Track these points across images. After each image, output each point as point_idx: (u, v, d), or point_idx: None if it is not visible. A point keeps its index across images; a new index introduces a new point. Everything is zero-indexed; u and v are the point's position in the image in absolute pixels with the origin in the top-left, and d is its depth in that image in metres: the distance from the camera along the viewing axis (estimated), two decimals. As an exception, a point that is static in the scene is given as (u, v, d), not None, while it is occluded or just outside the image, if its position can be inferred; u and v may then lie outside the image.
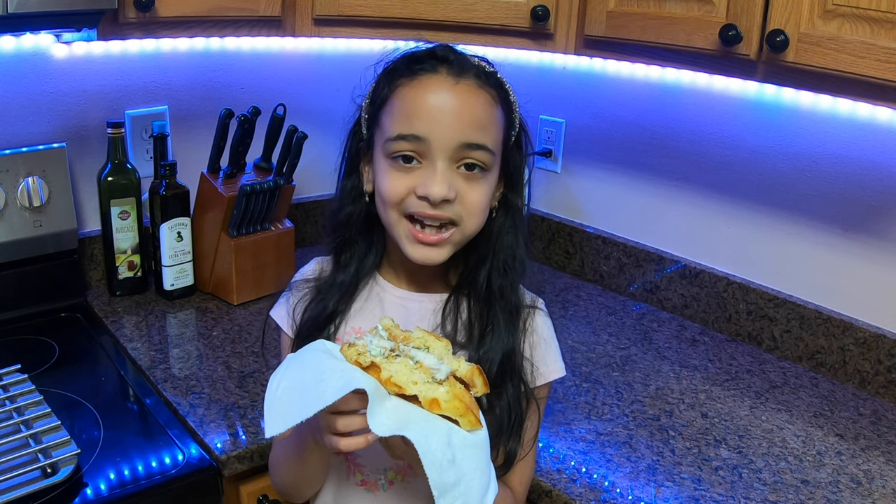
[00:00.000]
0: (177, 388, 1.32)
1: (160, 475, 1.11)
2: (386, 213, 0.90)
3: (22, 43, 1.52)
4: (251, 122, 1.61)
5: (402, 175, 0.87)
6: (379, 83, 0.92)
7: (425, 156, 0.86)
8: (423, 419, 0.75)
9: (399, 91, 0.88)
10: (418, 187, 0.86)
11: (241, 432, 1.22)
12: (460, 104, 0.86)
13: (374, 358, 0.77)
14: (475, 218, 0.90)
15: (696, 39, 1.22)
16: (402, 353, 0.79)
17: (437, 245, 0.89)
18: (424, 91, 0.87)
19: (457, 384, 0.78)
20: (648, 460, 1.21)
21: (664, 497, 1.13)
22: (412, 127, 0.86)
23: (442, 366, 0.78)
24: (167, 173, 1.60)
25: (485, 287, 0.95)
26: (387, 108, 0.89)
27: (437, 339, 0.81)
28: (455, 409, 0.76)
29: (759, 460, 1.23)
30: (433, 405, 0.76)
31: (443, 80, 0.87)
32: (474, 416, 0.77)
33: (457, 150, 0.86)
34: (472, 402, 0.78)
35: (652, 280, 1.77)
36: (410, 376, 0.76)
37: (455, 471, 0.73)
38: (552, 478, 1.15)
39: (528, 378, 0.96)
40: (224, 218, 1.60)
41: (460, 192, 0.87)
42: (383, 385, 0.76)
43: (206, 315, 1.60)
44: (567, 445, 1.23)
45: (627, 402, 1.37)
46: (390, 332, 0.82)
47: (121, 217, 1.60)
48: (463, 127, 0.86)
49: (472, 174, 0.88)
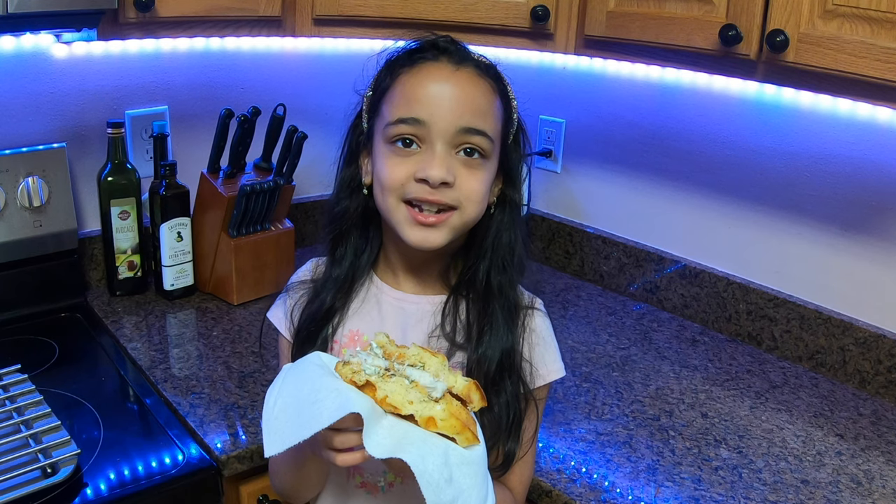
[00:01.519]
0: (177, 388, 1.32)
1: (160, 475, 1.11)
2: (385, 200, 0.90)
3: (22, 43, 1.52)
4: (251, 122, 1.61)
5: (402, 160, 0.88)
6: (381, 74, 0.93)
7: (425, 140, 0.87)
8: (420, 438, 0.75)
9: (400, 79, 0.90)
10: (418, 171, 0.86)
11: (241, 432, 1.22)
12: (460, 89, 0.88)
13: (369, 377, 0.77)
14: (474, 205, 0.90)
15: (696, 39, 1.22)
16: (396, 372, 0.79)
17: (436, 226, 0.88)
18: (425, 77, 0.88)
19: (453, 401, 0.78)
20: (648, 460, 1.21)
21: (664, 497, 1.13)
22: (412, 110, 0.87)
23: (438, 384, 0.77)
24: (167, 173, 1.60)
25: (484, 284, 0.95)
26: (387, 96, 0.90)
27: (433, 356, 0.81)
28: (452, 428, 0.76)
29: (759, 460, 1.23)
30: (429, 424, 0.75)
31: (443, 67, 0.89)
32: (471, 433, 0.77)
33: (456, 135, 0.87)
34: (470, 418, 0.78)
35: (652, 280, 1.77)
36: (406, 396, 0.76)
37: (452, 489, 0.73)
38: (552, 478, 1.15)
39: (527, 379, 0.96)
40: (224, 218, 1.60)
41: (459, 177, 0.88)
42: (379, 404, 0.76)
43: (206, 315, 1.60)
44: (567, 445, 1.23)
45: (627, 402, 1.37)
46: (385, 349, 0.82)
47: (121, 217, 1.60)
48: (462, 111, 0.87)
49: (472, 160, 0.88)
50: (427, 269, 0.97)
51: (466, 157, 0.88)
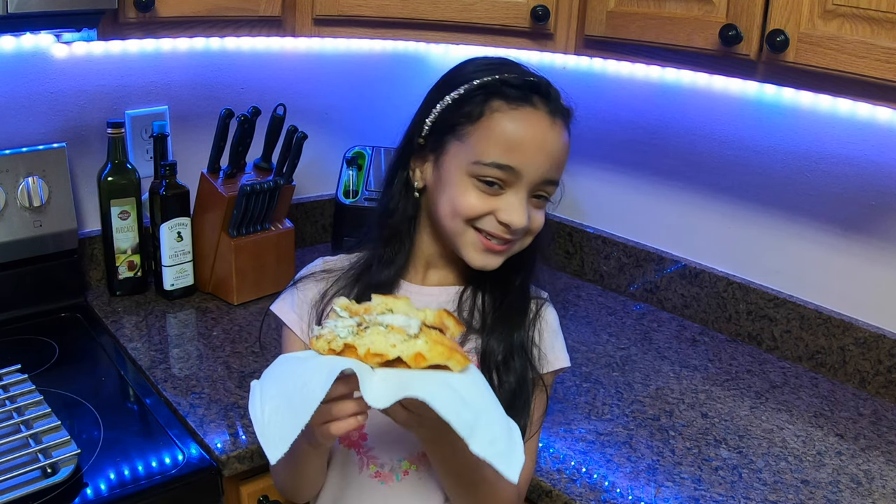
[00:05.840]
0: (177, 388, 1.32)
1: (160, 475, 1.11)
2: (452, 222, 0.93)
3: (22, 43, 1.52)
4: (251, 122, 1.61)
5: (485, 196, 0.91)
6: (471, 95, 0.92)
7: (510, 184, 0.91)
8: (416, 377, 0.75)
9: (496, 116, 0.90)
10: (500, 213, 0.90)
11: (241, 432, 1.22)
12: (553, 144, 0.92)
13: (346, 339, 0.77)
14: (533, 235, 0.96)
15: (696, 39, 1.22)
16: (369, 323, 0.79)
17: (502, 253, 0.94)
18: (526, 125, 0.90)
19: (432, 332, 0.78)
20: (648, 460, 1.21)
21: (664, 497, 1.13)
22: (510, 158, 0.89)
23: (412, 321, 0.77)
24: (167, 173, 1.60)
25: (503, 276, 0.99)
26: (479, 127, 0.91)
27: (396, 299, 0.81)
28: (440, 355, 0.76)
29: (759, 460, 1.23)
30: (418, 360, 0.76)
31: (542, 118, 0.91)
32: (460, 355, 0.77)
33: (538, 185, 0.92)
34: (453, 342, 0.78)
35: (652, 280, 1.77)
36: (387, 341, 0.76)
37: (470, 409, 0.73)
38: (552, 478, 1.15)
39: (536, 363, 1.00)
40: (224, 218, 1.60)
41: (530, 218, 0.93)
42: (364, 361, 0.76)
43: (206, 315, 1.60)
44: (567, 445, 1.23)
45: (627, 402, 1.37)
46: (349, 309, 0.81)
47: (121, 217, 1.60)
48: (550, 166, 0.91)
49: (540, 202, 0.94)
50: (451, 266, 1.01)
51: (537, 200, 0.94)
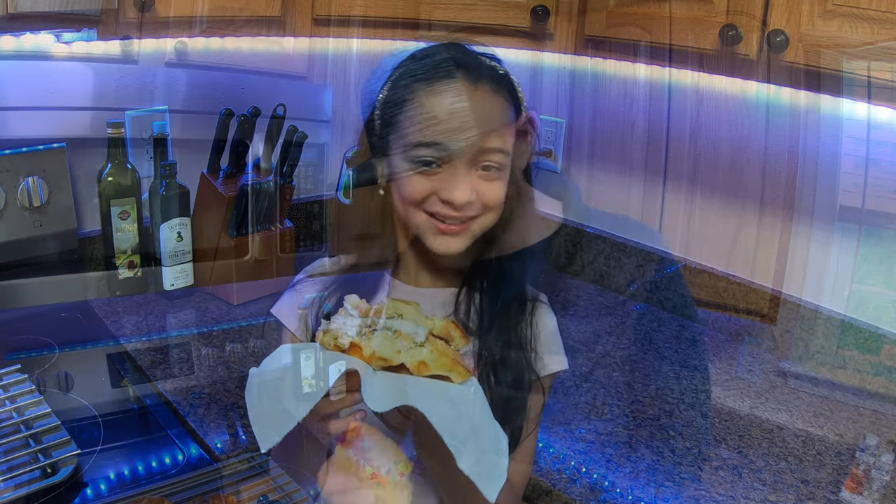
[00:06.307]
0: (176, 388, 1.32)
1: (160, 475, 1.11)
2: (406, 210, 0.93)
3: (22, 43, 1.52)
4: (251, 122, 1.61)
5: (424, 178, 0.90)
6: (395, 83, 0.92)
7: (446, 161, 0.89)
8: (417, 385, 0.75)
9: (417, 95, 0.89)
10: (441, 191, 0.89)
11: (241, 432, 1.22)
12: (478, 110, 0.89)
13: (353, 338, 0.77)
14: (494, 211, 0.93)
15: (695, 39, 1.22)
16: (377, 326, 0.79)
17: (459, 234, 0.92)
18: (443, 98, 0.88)
19: (438, 342, 0.78)
20: (648, 460, 1.21)
21: (664, 497, 1.13)
22: (434, 134, 0.88)
23: (419, 328, 0.78)
24: (167, 173, 1.60)
25: (497, 275, 0.98)
26: (405, 110, 0.90)
27: (406, 304, 0.82)
28: (443, 366, 0.76)
29: (759, 460, 1.23)
30: (421, 368, 0.76)
31: (461, 87, 0.89)
32: (462, 368, 0.77)
33: (476, 155, 0.89)
34: (456, 354, 0.79)
35: (652, 280, 1.77)
36: (393, 346, 0.76)
37: (463, 424, 0.73)
38: (552, 478, 1.15)
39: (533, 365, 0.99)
40: (224, 218, 1.60)
41: (479, 192, 0.90)
42: (367, 362, 0.76)
43: (206, 315, 1.60)
44: (567, 445, 1.23)
45: (627, 402, 1.37)
46: (359, 308, 0.82)
47: (121, 217, 1.60)
48: (483, 134, 0.88)
49: (489, 174, 0.91)
50: (441, 264, 1.00)
51: (485, 173, 0.90)
